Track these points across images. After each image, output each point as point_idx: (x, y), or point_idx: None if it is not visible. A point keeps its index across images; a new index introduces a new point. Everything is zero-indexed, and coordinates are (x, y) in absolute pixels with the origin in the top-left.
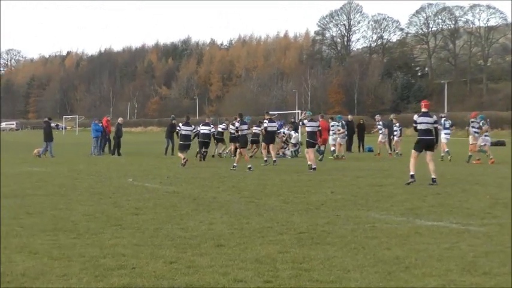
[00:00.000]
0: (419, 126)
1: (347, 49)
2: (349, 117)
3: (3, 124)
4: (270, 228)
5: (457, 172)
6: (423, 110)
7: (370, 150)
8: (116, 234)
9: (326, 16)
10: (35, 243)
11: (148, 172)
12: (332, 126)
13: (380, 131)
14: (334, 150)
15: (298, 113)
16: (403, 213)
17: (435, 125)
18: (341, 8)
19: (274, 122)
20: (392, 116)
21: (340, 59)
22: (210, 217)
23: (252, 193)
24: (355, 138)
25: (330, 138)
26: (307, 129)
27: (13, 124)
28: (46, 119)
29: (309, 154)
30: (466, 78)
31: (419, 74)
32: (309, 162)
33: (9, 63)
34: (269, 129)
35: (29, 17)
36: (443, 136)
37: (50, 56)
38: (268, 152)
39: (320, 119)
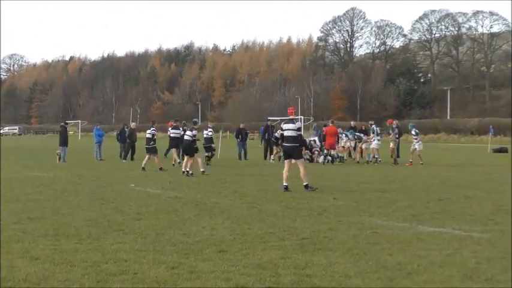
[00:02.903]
0: (285, 133)
1: (350, 55)
2: (352, 123)
3: (6, 129)
4: (272, 234)
5: (459, 178)
6: (291, 116)
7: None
8: (118, 239)
9: (329, 22)
10: (36, 249)
11: (150, 177)
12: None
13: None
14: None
15: (301, 118)
16: (406, 219)
17: (299, 132)
18: (344, 14)
19: (178, 129)
20: (352, 123)
21: (343, 65)
22: (212, 222)
23: (254, 198)
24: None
25: (342, 142)
26: (187, 138)
27: (16, 129)
28: (62, 124)
29: (188, 161)
30: (469, 85)
31: (422, 80)
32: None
33: (12, 68)
34: (172, 135)
35: (32, 22)
36: (375, 142)
37: (52, 61)
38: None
39: (330, 124)
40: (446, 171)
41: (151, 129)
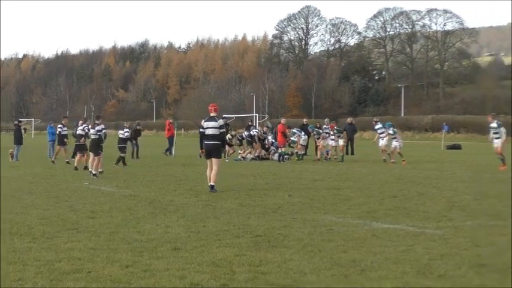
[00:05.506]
0: (206, 132)
1: (305, 53)
2: (305, 120)
3: None
4: (227, 232)
5: (414, 175)
6: (211, 114)
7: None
8: (72, 238)
9: (284, 19)
10: None
11: (104, 175)
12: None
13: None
14: (301, 154)
15: (255, 116)
16: (360, 216)
17: (221, 130)
18: (299, 12)
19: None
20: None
21: (298, 62)
22: (166, 220)
23: (209, 196)
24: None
25: (302, 140)
26: (93, 136)
27: None
28: (16, 122)
29: (92, 159)
30: (423, 82)
31: (376, 77)
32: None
33: None
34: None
35: None
36: (383, 141)
37: (5, 58)
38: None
39: (282, 122)
40: (401, 168)
41: (84, 126)
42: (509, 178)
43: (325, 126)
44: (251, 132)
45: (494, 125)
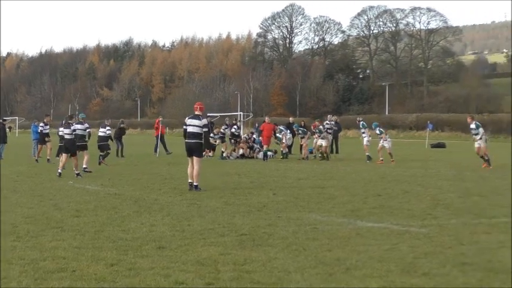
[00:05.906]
0: (188, 129)
1: (289, 51)
2: (291, 119)
3: None
4: (212, 230)
5: (398, 174)
6: (196, 112)
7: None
8: (57, 236)
9: (268, 18)
10: None
11: (89, 174)
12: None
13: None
14: (286, 153)
15: (240, 114)
16: (345, 215)
17: (204, 129)
18: (283, 10)
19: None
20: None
21: (282, 61)
22: (151, 219)
23: (194, 195)
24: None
25: (287, 138)
26: (67, 136)
27: None
28: (0, 121)
29: (62, 158)
30: (407, 81)
31: (360, 76)
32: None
33: None
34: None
35: None
36: (366, 139)
37: None
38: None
39: (266, 121)
40: (385, 167)
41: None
42: (491, 176)
43: (327, 122)
44: (232, 130)
45: (473, 126)
